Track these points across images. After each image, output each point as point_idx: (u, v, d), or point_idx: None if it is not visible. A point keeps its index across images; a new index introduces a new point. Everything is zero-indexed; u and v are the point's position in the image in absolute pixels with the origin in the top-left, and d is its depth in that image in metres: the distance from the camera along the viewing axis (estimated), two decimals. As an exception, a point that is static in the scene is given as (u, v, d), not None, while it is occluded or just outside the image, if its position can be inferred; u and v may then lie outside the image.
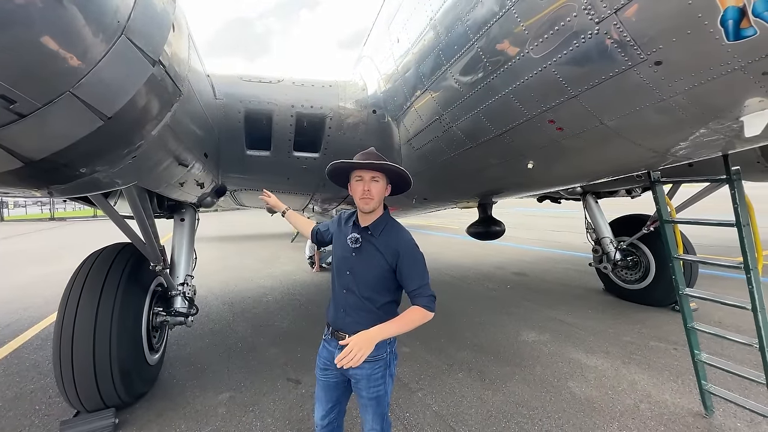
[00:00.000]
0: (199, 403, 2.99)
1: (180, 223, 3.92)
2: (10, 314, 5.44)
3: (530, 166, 2.39)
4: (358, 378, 1.68)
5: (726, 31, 1.15)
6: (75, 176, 1.66)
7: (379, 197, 1.65)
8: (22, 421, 2.82)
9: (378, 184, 1.64)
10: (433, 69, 2.45)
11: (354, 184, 1.67)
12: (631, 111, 1.66)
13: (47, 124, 1.20)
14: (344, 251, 1.72)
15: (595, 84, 1.63)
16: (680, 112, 1.54)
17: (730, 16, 1.11)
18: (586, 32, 1.47)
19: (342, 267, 1.72)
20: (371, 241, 1.66)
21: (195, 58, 2.41)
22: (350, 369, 1.57)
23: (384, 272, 1.64)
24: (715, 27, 1.16)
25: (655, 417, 2.68)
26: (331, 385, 1.77)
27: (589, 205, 5.67)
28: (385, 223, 1.70)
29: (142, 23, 1.29)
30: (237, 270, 8.40)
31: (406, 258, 1.63)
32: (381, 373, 1.68)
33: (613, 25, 1.38)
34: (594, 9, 1.40)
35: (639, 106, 1.62)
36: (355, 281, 1.66)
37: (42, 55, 1.04)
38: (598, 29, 1.43)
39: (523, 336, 4.21)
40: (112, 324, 2.66)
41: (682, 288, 2.51)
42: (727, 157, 1.97)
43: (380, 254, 1.64)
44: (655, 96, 1.53)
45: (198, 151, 2.76)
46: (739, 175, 2.02)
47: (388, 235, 1.67)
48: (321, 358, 1.78)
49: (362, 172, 1.64)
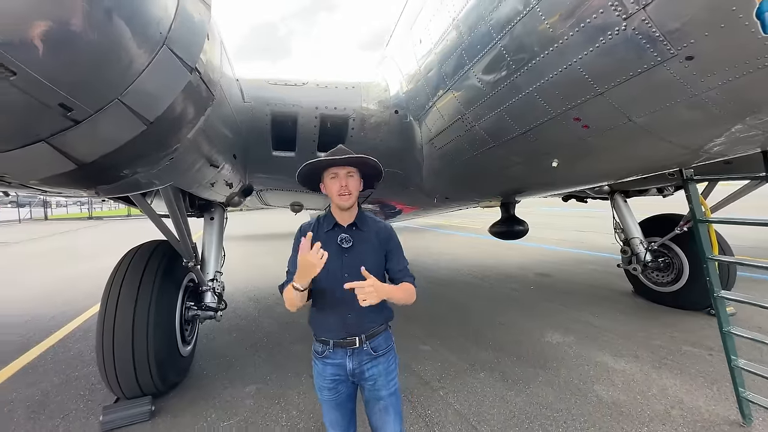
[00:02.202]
0: (228, 394, 3.12)
1: (210, 222, 4.10)
2: (54, 307, 5.82)
3: (555, 165, 2.36)
4: (376, 377, 1.63)
5: (763, 24, 1.11)
6: (119, 177, 1.78)
7: (356, 192, 1.65)
8: (69, 405, 3.03)
9: (353, 179, 1.64)
10: (455, 69, 2.45)
11: (329, 183, 1.64)
12: (661, 107, 1.62)
13: (98, 129, 1.31)
14: (334, 257, 1.57)
15: (623, 81, 1.59)
16: (714, 107, 1.49)
17: (766, 8, 1.08)
18: (614, 29, 1.45)
19: (337, 272, 1.60)
20: (361, 235, 1.67)
21: (226, 63, 2.52)
22: (366, 371, 1.61)
23: (380, 258, 1.68)
24: (750, 20, 1.12)
25: (688, 424, 2.59)
26: (342, 400, 1.68)
27: (618, 205, 5.48)
28: (364, 216, 1.73)
29: (181, 34, 1.38)
30: (262, 268, 8.63)
31: (393, 242, 1.70)
32: (394, 364, 1.71)
33: (642, 20, 1.35)
34: (621, 5, 1.38)
35: (669, 103, 1.57)
36: (358, 278, 1.54)
37: (95, 67, 1.14)
38: (625, 25, 1.40)
39: (547, 337, 4.13)
40: (149, 317, 2.82)
41: (718, 290, 2.40)
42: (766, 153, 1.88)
43: (373, 243, 1.67)
44: (686, 92, 1.49)
45: (228, 153, 2.88)
46: (778, 172, 1.93)
47: (374, 225, 1.71)
48: (326, 378, 1.64)
49: (337, 169, 1.61)
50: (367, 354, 1.62)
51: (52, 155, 1.29)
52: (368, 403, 1.69)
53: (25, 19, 0.94)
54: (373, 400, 1.66)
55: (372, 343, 1.63)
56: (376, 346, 1.64)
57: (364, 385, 1.66)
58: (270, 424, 2.70)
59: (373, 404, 1.67)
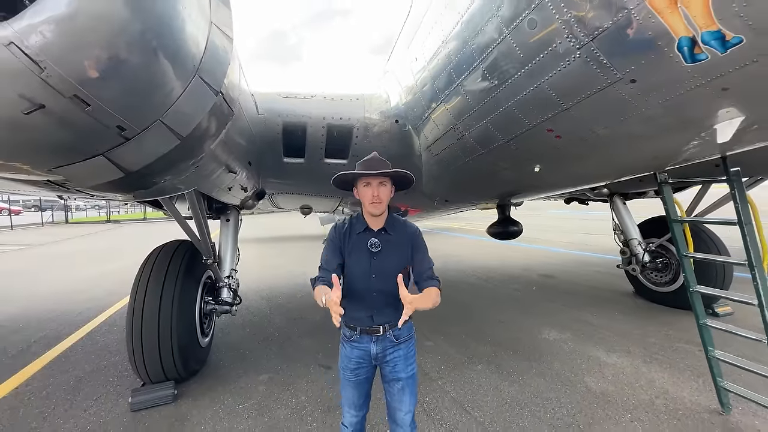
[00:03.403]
0: (242, 381, 3.39)
1: (226, 223, 4.42)
2: (80, 303, 6.20)
3: (537, 170, 2.59)
4: (397, 360, 1.78)
5: (683, 56, 1.34)
6: (153, 183, 2.09)
7: (387, 200, 1.75)
8: (99, 390, 3.34)
9: (385, 188, 1.73)
10: (446, 84, 2.71)
11: (362, 189, 1.74)
12: (618, 121, 1.85)
13: (143, 144, 1.60)
14: (365, 258, 1.75)
15: (584, 98, 1.82)
16: (661, 121, 1.71)
17: (684, 44, 1.30)
18: (571, 56, 1.68)
19: (365, 274, 1.74)
20: (389, 240, 1.77)
21: (243, 81, 2.83)
22: (388, 355, 1.76)
23: (406, 261, 1.78)
24: (674, 52, 1.35)
25: (670, 412, 2.75)
26: (362, 381, 1.83)
27: (616, 206, 5.62)
28: (394, 220, 1.84)
29: (210, 64, 1.67)
30: (273, 269, 8.96)
31: (419, 245, 1.81)
32: (413, 350, 1.86)
33: (591, 50, 1.59)
34: (575, 36, 1.61)
35: (624, 117, 1.80)
36: (384, 281, 1.72)
37: (145, 96, 1.44)
38: (580, 53, 1.64)
39: (544, 334, 4.31)
40: (173, 309, 3.12)
41: (693, 285, 2.58)
42: (725, 158, 2.08)
43: (402, 247, 1.78)
44: (636, 108, 1.72)
45: (244, 160, 3.19)
46: (739, 175, 2.11)
47: (403, 229, 1.82)
48: (351, 360, 1.80)
49: (370, 179, 1.71)
50: (390, 341, 1.78)
51: (107, 166, 1.59)
52: (387, 384, 1.83)
53: (97, 60, 1.23)
54: (392, 381, 1.81)
55: (395, 331, 1.77)
56: (398, 334, 1.79)
57: (385, 367, 1.80)
58: (281, 407, 2.95)
59: (392, 384, 1.81)
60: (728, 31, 1.19)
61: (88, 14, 1.10)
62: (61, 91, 1.18)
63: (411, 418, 1.82)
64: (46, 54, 1.08)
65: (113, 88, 1.29)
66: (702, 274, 4.60)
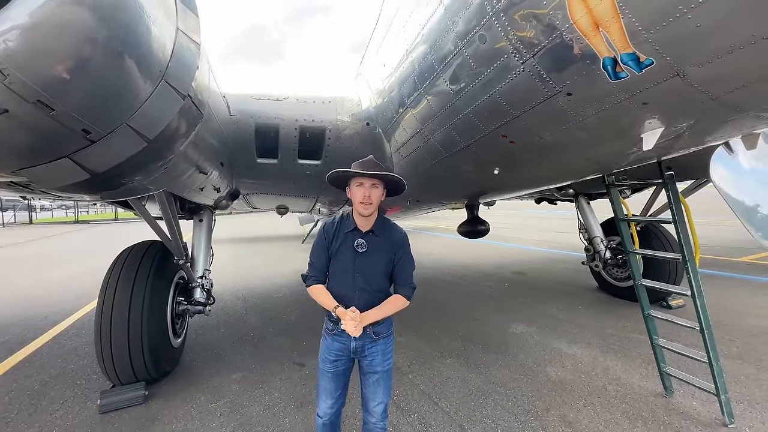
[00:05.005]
0: (215, 380, 3.41)
1: (199, 224, 4.40)
2: (45, 307, 5.99)
3: (497, 173, 2.76)
4: (375, 355, 1.85)
5: (608, 73, 1.51)
6: (121, 184, 2.11)
7: (377, 202, 1.81)
8: (67, 392, 3.28)
9: (377, 190, 1.79)
10: (411, 90, 2.84)
11: (354, 189, 1.80)
12: (561, 129, 2.02)
13: (109, 147, 1.64)
14: (349, 257, 1.82)
15: (531, 108, 1.99)
16: (597, 130, 1.90)
17: (608, 63, 1.47)
18: (517, 69, 1.84)
19: (349, 271, 1.81)
20: (376, 242, 1.83)
21: (213, 83, 2.86)
22: (367, 349, 1.83)
23: (389, 264, 1.85)
24: (600, 70, 1.52)
25: (620, 396, 2.98)
26: (340, 373, 1.89)
27: (581, 206, 5.92)
28: (383, 222, 1.90)
29: (176, 69, 1.72)
30: (250, 269, 8.89)
31: (403, 253, 1.88)
32: (390, 346, 1.93)
33: (533, 65, 1.75)
34: (519, 53, 1.77)
35: (565, 126, 1.98)
36: (367, 280, 1.80)
37: (111, 100, 1.48)
38: (523, 68, 1.80)
39: (512, 329, 4.51)
40: (143, 309, 3.10)
41: (639, 279, 2.81)
42: (660, 162, 2.29)
43: (386, 250, 1.84)
44: (574, 118, 1.90)
45: (215, 161, 3.21)
46: (673, 178, 2.34)
47: (390, 232, 1.89)
48: (331, 351, 1.86)
49: (363, 179, 1.78)
50: (370, 337, 1.84)
51: (72, 168, 1.61)
52: (364, 376, 1.91)
53: (62, 67, 1.27)
54: (369, 373, 1.88)
55: (375, 328, 1.84)
56: (378, 330, 1.86)
57: (363, 360, 1.87)
58: (254, 404, 3.00)
59: (368, 377, 1.89)
60: (641, 54, 1.35)
61: (52, 24, 1.14)
62: (24, 96, 1.21)
63: (383, 408, 1.91)
64: (8, 62, 1.12)
65: (78, 94, 1.33)
66: (658, 270, 4.95)
